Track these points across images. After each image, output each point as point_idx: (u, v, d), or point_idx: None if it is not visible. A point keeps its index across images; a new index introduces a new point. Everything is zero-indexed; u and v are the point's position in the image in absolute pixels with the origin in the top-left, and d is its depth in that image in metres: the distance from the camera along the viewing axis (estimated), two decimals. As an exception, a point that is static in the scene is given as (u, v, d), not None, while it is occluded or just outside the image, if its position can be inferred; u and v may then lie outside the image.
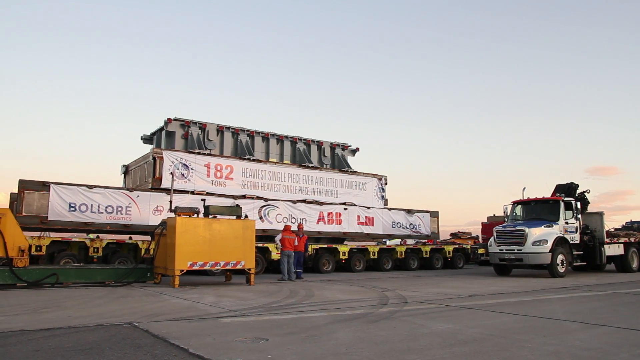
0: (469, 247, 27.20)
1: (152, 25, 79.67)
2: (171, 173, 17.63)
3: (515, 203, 20.77)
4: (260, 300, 10.57)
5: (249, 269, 14.41)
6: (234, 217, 14.66)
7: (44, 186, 16.15)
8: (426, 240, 26.00)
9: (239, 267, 14.26)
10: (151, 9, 77.45)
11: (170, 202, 15.89)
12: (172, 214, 14.28)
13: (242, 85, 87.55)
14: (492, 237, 19.71)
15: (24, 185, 15.96)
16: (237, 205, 16.06)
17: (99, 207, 16.85)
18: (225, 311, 8.72)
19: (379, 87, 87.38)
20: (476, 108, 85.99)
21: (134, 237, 17.37)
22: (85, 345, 5.63)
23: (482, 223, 33.79)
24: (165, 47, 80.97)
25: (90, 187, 16.93)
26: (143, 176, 19.52)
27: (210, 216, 14.33)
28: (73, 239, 16.39)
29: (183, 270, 13.31)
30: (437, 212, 26.57)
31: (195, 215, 14.14)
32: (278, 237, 16.95)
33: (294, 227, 18.11)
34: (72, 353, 5.24)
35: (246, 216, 15.20)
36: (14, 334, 6.33)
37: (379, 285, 14.56)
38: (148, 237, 16.01)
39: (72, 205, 16.42)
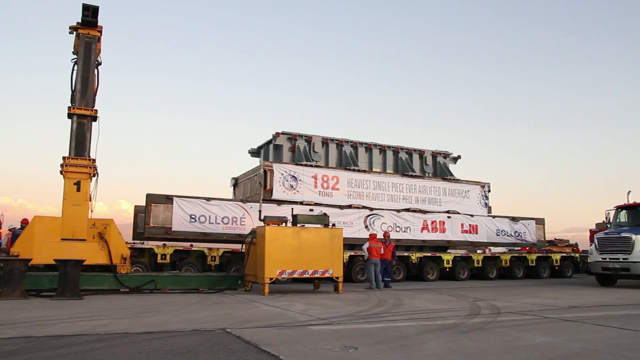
0: (577, 255, 25.82)
1: (259, 43, 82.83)
2: (259, 183, 18.20)
3: (619, 208, 19.33)
4: (349, 308, 10.54)
5: (337, 277, 14.43)
6: (322, 226, 14.77)
7: (168, 199, 17.33)
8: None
9: (326, 275, 14.32)
10: (259, 23, 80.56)
11: (260, 211, 16.30)
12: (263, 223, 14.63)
13: (345, 98, 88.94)
14: (593, 245, 18.47)
15: (151, 198, 17.18)
16: (325, 214, 16.18)
17: (216, 218, 17.86)
18: (314, 319, 8.77)
19: (479, 95, 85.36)
20: (577, 113, 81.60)
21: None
22: (182, 349, 5.87)
23: (590, 230, 31.92)
24: (269, 63, 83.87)
25: (208, 199, 17.98)
26: (254, 188, 20.41)
27: (298, 225, 14.54)
28: (193, 248, 17.50)
29: (272, 278, 13.58)
30: (543, 219, 25.48)
31: (284, 224, 14.40)
32: (365, 246, 16.88)
33: (380, 235, 17.99)
34: (171, 356, 5.48)
35: (333, 225, 15.27)
36: (119, 335, 6.74)
37: (471, 294, 14.07)
38: None
39: (192, 216, 17.50)
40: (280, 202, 18.64)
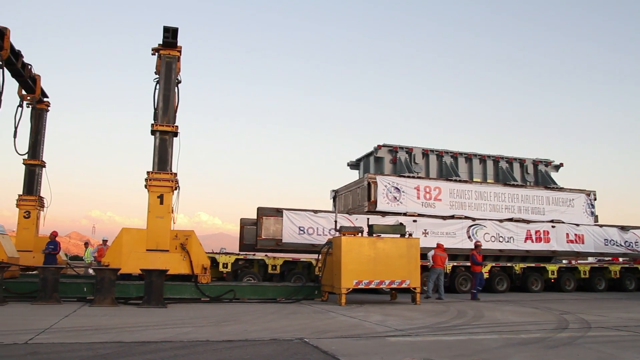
0: None
1: (359, 60, 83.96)
2: (336, 192, 18.33)
3: None
4: (427, 320, 10.32)
5: (415, 288, 14.18)
6: (398, 236, 14.59)
7: (278, 212, 17.99)
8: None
9: (403, 286, 14.10)
10: (363, 41, 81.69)
11: (335, 221, 16.37)
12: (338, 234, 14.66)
13: (442, 109, 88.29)
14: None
15: (262, 212, 17.91)
16: (401, 224, 15.99)
17: (323, 229, 18.29)
18: (392, 330, 8.65)
19: (581, 103, 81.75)
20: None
21: None
22: (261, 358, 5.96)
23: None
24: (369, 80, 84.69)
25: (316, 212, 18.54)
26: (356, 200, 20.75)
27: (374, 235, 14.44)
28: (301, 259, 18.07)
29: (349, 289, 13.54)
30: None
31: (360, 235, 14.35)
32: (430, 254, 16.58)
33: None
34: (250, 364, 5.58)
35: (410, 235, 15.05)
36: (200, 343, 6.95)
37: (557, 307, 13.36)
38: None
39: (301, 228, 18.08)
40: (384, 214, 18.87)
